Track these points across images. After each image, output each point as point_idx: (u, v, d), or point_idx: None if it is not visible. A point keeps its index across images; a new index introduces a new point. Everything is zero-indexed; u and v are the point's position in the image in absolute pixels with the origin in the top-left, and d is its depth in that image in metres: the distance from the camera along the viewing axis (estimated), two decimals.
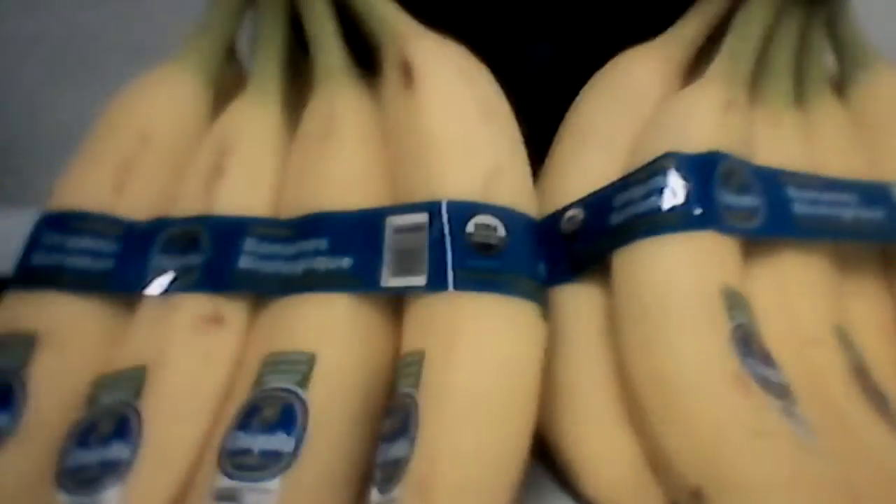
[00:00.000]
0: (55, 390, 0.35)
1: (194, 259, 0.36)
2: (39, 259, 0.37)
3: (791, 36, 0.40)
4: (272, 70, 0.40)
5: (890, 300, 0.39)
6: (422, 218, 0.35)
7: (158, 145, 0.39)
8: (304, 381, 0.33)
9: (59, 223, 0.37)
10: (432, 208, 0.35)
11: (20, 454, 0.33)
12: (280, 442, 0.32)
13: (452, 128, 0.36)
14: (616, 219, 0.37)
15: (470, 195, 0.35)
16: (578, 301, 0.38)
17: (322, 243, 0.36)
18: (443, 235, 0.34)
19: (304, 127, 0.39)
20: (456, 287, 0.34)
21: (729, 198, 0.37)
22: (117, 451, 0.32)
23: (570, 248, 0.39)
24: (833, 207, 0.38)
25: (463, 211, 0.35)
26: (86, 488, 0.32)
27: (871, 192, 0.39)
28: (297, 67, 0.41)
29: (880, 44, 0.42)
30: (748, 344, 0.34)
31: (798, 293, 0.37)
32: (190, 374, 0.34)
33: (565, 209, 0.39)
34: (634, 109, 0.41)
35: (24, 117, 0.67)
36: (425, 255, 0.34)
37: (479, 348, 0.33)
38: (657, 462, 0.34)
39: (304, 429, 0.32)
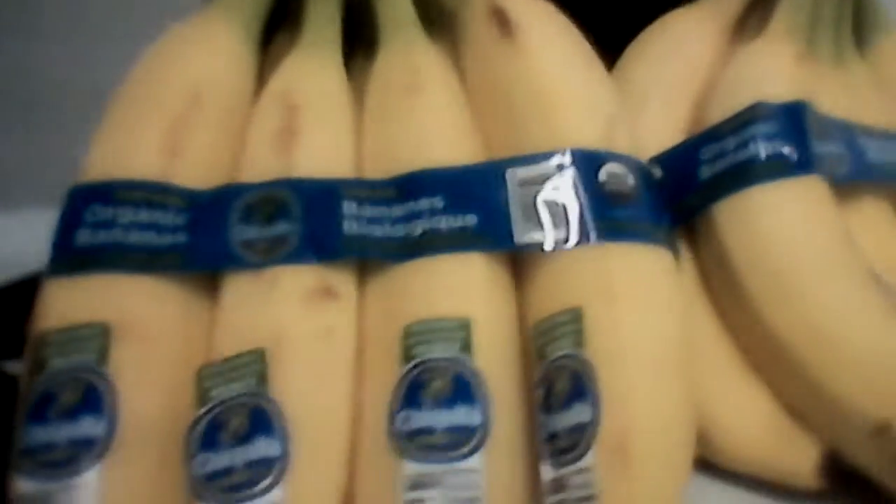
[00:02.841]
0: (149, 387, 0.29)
1: (285, 227, 0.31)
2: (87, 238, 0.30)
3: None
4: (328, 23, 0.36)
5: None
6: (548, 169, 0.32)
7: (211, 103, 0.33)
8: (466, 348, 0.29)
9: (105, 195, 0.31)
10: (559, 158, 0.32)
11: (128, 465, 0.27)
12: (464, 416, 0.28)
13: (567, 76, 0.34)
14: (707, 172, 0.36)
15: (596, 144, 0.33)
16: None
17: (437, 201, 0.32)
18: (576, 186, 0.32)
19: (380, 81, 0.35)
20: (600, 239, 0.31)
21: (819, 145, 0.36)
22: (264, 448, 0.27)
23: None
24: None
25: (592, 160, 0.32)
26: (237, 493, 0.26)
27: None
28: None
29: None
30: (878, 280, 0.34)
31: (883, 234, 0.37)
32: (317, 354, 0.29)
33: None
34: (689, 66, 0.40)
35: None
36: (560, 208, 0.31)
37: (643, 299, 0.31)
38: (816, 409, 0.33)
39: (486, 398, 0.28)
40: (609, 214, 0.31)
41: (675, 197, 0.37)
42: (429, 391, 0.28)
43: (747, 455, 0.34)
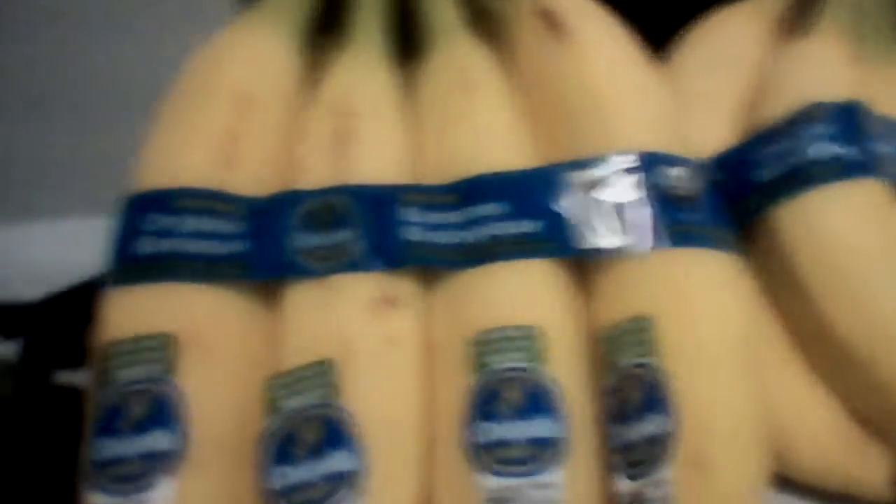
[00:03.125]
0: (217, 398, 0.28)
1: (345, 234, 0.30)
2: (148, 246, 0.30)
3: None
4: (377, 27, 0.35)
5: None
6: (610, 172, 0.32)
7: (261, 109, 0.33)
8: (538, 357, 0.28)
9: (163, 204, 0.31)
10: (622, 161, 0.32)
11: (200, 478, 0.27)
12: (542, 427, 0.27)
13: (622, 77, 0.33)
14: (765, 174, 0.36)
15: (657, 146, 0.32)
16: None
17: (499, 207, 0.31)
18: (640, 189, 0.31)
19: (433, 85, 0.34)
20: (666, 243, 0.31)
21: (876, 145, 0.36)
22: (339, 461, 0.27)
23: None
24: None
25: (654, 162, 0.32)
26: None
27: None
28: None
29: None
30: None
31: None
32: (385, 364, 0.29)
33: None
34: (736, 66, 0.40)
35: None
36: (624, 212, 0.31)
37: (713, 306, 0.30)
38: (887, 416, 0.32)
39: (562, 409, 0.28)
40: (674, 218, 0.31)
41: (731, 200, 0.36)
42: (503, 402, 0.28)
43: (817, 466, 0.33)
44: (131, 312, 0.29)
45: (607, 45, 0.34)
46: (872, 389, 0.32)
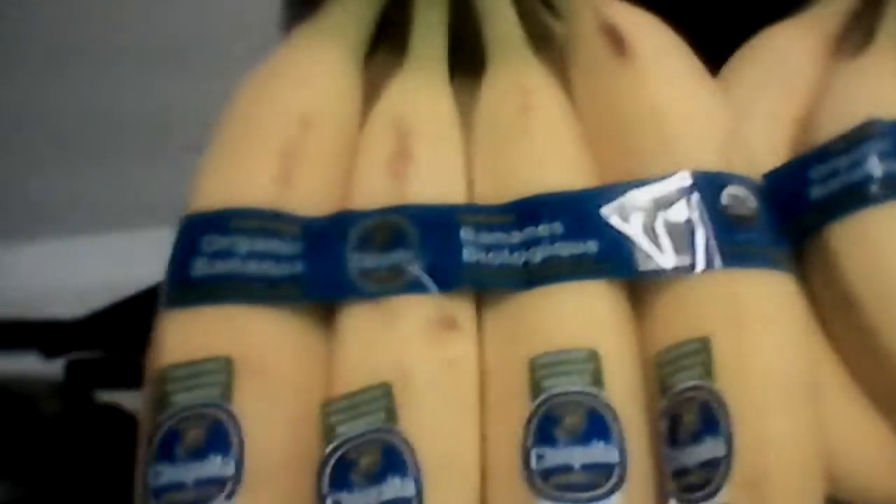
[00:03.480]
0: (273, 424, 0.28)
1: (403, 255, 0.30)
2: (204, 268, 0.30)
3: None
4: (436, 43, 0.35)
5: None
6: (668, 192, 0.31)
7: (321, 129, 0.33)
8: (597, 382, 0.28)
9: (220, 224, 0.30)
10: (681, 181, 0.31)
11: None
12: (601, 453, 0.27)
13: (685, 97, 0.33)
14: (819, 192, 0.35)
15: (716, 165, 0.32)
16: None
17: (557, 227, 0.31)
18: (699, 210, 0.31)
19: (490, 102, 0.34)
20: (725, 264, 0.30)
21: None
22: (398, 489, 0.26)
23: None
24: None
25: (714, 183, 0.31)
26: None
27: None
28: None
29: None
30: None
31: None
32: (444, 388, 0.29)
33: None
34: (791, 83, 0.39)
35: None
36: (683, 232, 0.31)
37: (772, 328, 0.30)
38: None
39: (621, 434, 0.28)
40: (733, 239, 0.31)
41: (785, 218, 0.36)
42: (563, 427, 0.27)
43: (868, 488, 0.33)
44: (187, 336, 0.29)
45: (670, 65, 0.34)
46: None
